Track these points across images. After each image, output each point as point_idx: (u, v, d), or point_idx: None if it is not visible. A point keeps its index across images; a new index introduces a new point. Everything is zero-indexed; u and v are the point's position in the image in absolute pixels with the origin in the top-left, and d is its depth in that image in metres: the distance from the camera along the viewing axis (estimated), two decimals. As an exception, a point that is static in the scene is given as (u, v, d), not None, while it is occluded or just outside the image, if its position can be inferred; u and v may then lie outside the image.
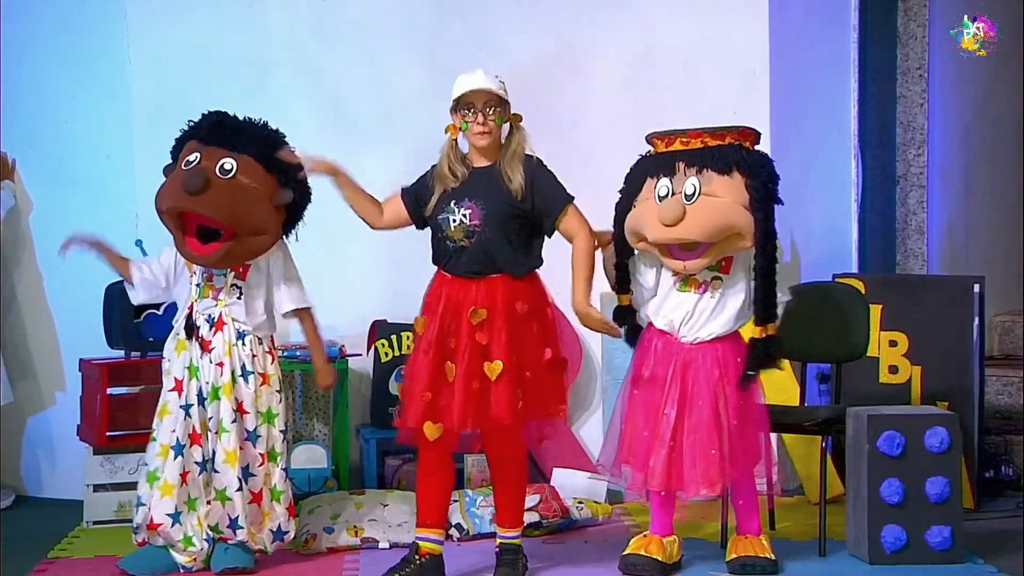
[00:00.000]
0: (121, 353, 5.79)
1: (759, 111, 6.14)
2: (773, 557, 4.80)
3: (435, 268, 4.76)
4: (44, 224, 6.19)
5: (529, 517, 5.27)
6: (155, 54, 6.04)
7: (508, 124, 4.71)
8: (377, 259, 6.04)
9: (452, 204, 4.65)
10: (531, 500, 5.37)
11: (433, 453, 4.69)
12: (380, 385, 5.97)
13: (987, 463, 5.91)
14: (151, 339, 5.64)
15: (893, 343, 5.89)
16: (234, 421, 4.83)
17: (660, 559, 4.77)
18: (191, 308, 4.88)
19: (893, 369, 5.89)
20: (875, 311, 5.77)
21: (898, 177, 7.17)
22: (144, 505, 4.83)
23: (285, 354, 5.12)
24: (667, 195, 4.65)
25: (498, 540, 4.84)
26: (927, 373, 5.84)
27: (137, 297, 5.02)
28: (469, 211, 4.63)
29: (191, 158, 4.78)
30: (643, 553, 4.78)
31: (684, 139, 4.72)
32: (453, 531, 5.29)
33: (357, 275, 6.08)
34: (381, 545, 5.20)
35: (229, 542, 4.87)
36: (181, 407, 4.83)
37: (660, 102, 5.96)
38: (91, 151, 6.12)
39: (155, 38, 6.04)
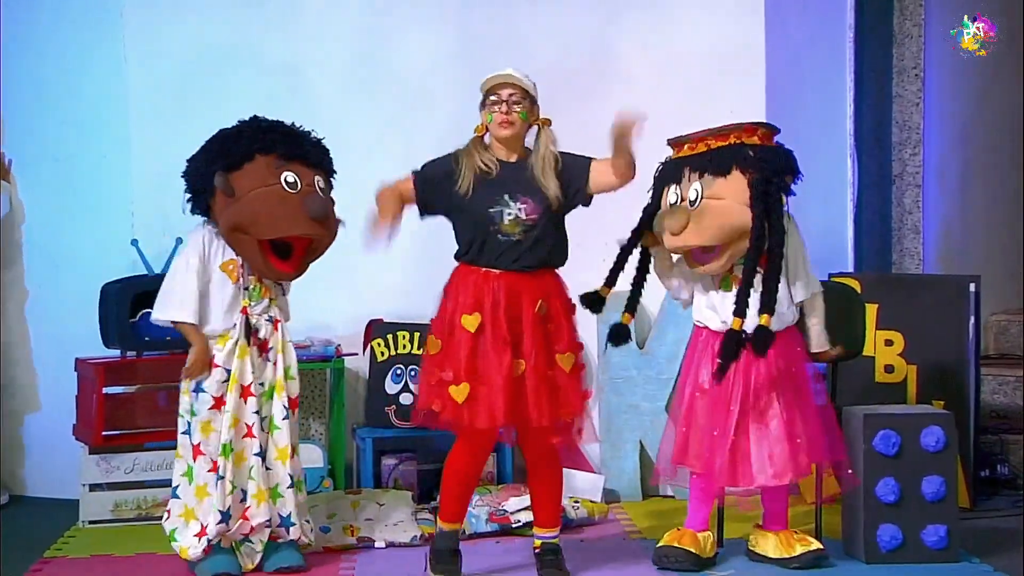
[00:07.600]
0: (117, 352, 5.78)
1: (755, 110, 6.13)
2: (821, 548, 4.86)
3: (451, 262, 4.69)
4: (40, 224, 6.18)
5: (525, 516, 5.27)
6: (152, 54, 6.03)
7: (537, 127, 4.68)
8: (374, 258, 6.00)
9: (505, 197, 4.59)
10: (527, 500, 5.36)
11: (479, 445, 4.69)
12: (376, 385, 5.95)
13: (983, 462, 5.91)
14: (147, 338, 5.63)
15: (889, 342, 5.89)
16: (285, 418, 4.83)
17: (694, 551, 4.78)
18: (245, 311, 4.82)
19: (889, 368, 5.89)
20: (871, 310, 5.77)
21: (894, 176, 7.17)
22: (205, 524, 4.73)
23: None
24: (676, 202, 4.70)
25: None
26: (923, 372, 5.83)
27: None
28: (525, 205, 4.59)
29: (290, 179, 4.72)
30: (676, 544, 4.79)
31: (691, 144, 4.74)
32: (449, 530, 5.29)
33: (353, 274, 6.07)
34: (377, 544, 5.20)
35: (279, 541, 4.84)
36: (229, 412, 4.75)
37: (657, 102, 5.91)
38: (87, 151, 6.11)
39: (151, 37, 6.03)
